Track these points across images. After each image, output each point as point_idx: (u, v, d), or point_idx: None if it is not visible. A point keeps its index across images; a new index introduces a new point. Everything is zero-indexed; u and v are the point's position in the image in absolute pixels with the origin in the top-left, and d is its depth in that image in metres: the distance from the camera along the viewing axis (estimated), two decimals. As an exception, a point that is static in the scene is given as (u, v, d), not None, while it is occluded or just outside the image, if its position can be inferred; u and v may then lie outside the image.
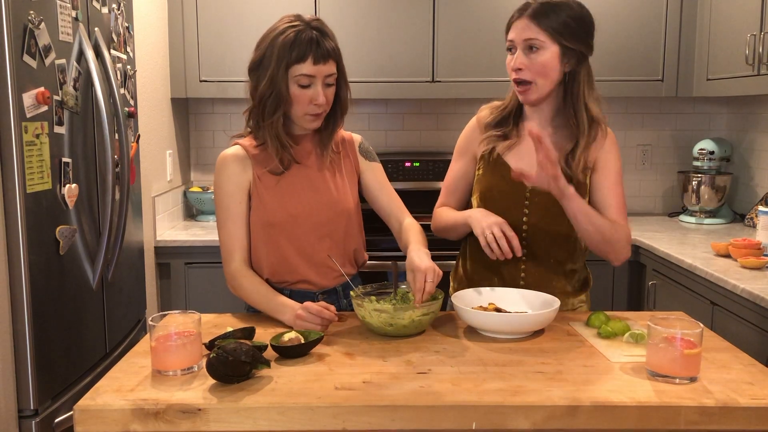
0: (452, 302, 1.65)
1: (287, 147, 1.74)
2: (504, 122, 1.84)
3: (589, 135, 1.76)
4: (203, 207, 3.36)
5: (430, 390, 1.29)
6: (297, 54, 1.64)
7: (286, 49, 1.64)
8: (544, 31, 1.68)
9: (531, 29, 1.69)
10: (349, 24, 3.14)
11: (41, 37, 1.80)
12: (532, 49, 1.70)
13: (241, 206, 1.75)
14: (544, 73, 1.71)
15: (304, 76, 1.65)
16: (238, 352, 1.30)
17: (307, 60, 1.64)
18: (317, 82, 1.67)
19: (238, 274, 1.74)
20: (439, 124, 3.60)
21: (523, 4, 1.73)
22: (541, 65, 1.70)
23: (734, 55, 2.84)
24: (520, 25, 1.71)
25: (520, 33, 1.70)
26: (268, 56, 1.67)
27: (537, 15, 1.69)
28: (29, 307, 1.76)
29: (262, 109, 1.70)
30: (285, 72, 1.65)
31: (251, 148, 1.77)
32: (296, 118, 1.73)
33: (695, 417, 1.23)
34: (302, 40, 1.64)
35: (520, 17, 1.71)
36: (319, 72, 1.66)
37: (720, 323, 2.25)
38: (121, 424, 1.23)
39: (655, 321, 1.35)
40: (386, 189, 1.88)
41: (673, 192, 3.64)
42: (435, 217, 1.93)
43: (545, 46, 1.69)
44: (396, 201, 1.88)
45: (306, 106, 1.69)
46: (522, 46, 1.71)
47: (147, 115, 2.83)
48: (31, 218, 1.77)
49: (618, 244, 1.73)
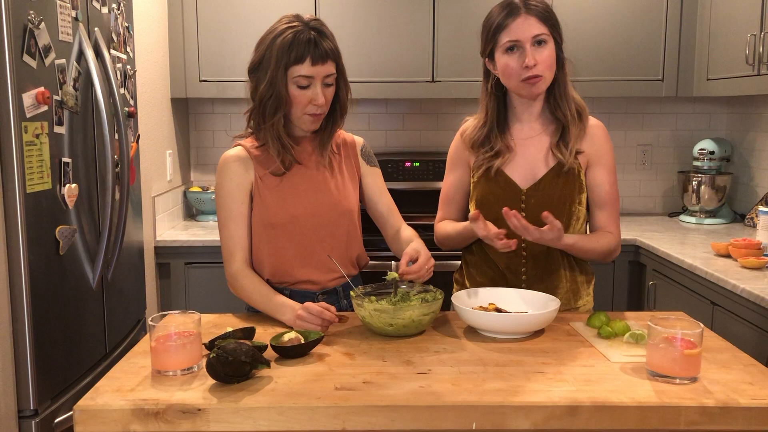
0: (452, 302, 1.65)
1: (288, 148, 1.74)
2: (488, 139, 1.84)
3: (580, 122, 1.80)
4: (203, 207, 3.36)
5: (430, 390, 1.29)
6: (295, 55, 1.64)
7: (284, 50, 1.64)
8: (546, 26, 1.73)
9: (536, 25, 1.72)
10: (349, 24, 3.14)
11: (41, 37, 1.80)
12: (540, 44, 1.73)
13: (242, 207, 1.75)
14: (552, 65, 1.76)
15: (303, 77, 1.65)
16: (238, 352, 1.30)
17: (306, 61, 1.64)
18: (316, 82, 1.67)
19: (239, 274, 1.74)
20: (439, 124, 3.60)
21: (504, 6, 1.76)
22: (549, 58, 1.74)
23: (734, 55, 2.83)
24: (523, 23, 1.72)
25: (526, 31, 1.72)
26: (267, 57, 1.67)
27: (533, 10, 1.73)
28: (29, 307, 1.76)
29: (263, 111, 1.70)
30: (284, 73, 1.66)
31: (253, 148, 1.77)
32: (295, 119, 1.73)
33: (695, 417, 1.23)
34: (300, 41, 1.64)
35: (518, 16, 1.73)
36: (318, 73, 1.66)
37: (720, 323, 2.25)
38: (121, 425, 1.23)
39: (655, 321, 1.35)
40: (386, 196, 1.89)
41: (673, 192, 3.64)
42: (438, 231, 1.95)
43: (548, 41, 1.74)
44: (394, 208, 1.89)
45: (305, 107, 1.69)
46: (530, 42, 1.73)
47: (147, 115, 2.83)
48: (31, 218, 1.77)
49: (610, 257, 1.83)
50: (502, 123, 1.85)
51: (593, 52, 3.19)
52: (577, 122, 1.80)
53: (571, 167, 1.78)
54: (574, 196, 1.80)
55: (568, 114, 1.79)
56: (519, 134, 1.84)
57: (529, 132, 1.83)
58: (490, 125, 1.84)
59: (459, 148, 1.91)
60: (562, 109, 1.80)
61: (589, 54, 3.17)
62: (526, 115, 1.84)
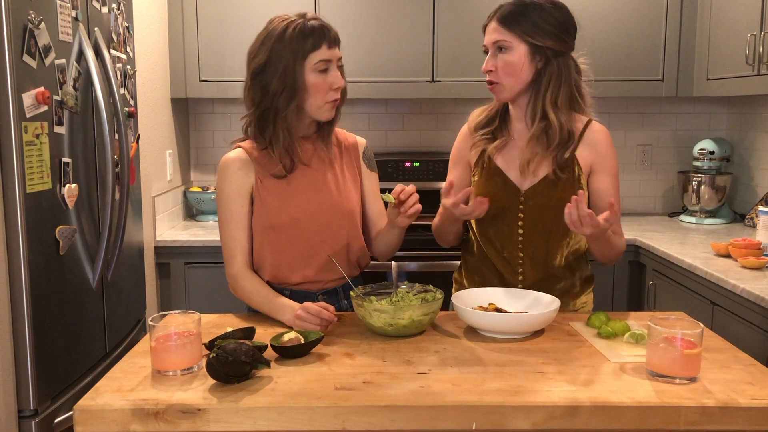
0: (452, 302, 1.65)
1: (294, 149, 1.73)
2: (491, 122, 1.87)
3: (560, 135, 1.74)
4: (203, 207, 3.36)
5: (430, 390, 1.29)
6: (312, 42, 1.67)
7: (299, 40, 1.66)
8: (511, 32, 1.73)
9: (498, 31, 1.75)
10: (349, 24, 3.14)
11: (41, 37, 1.80)
12: (501, 50, 1.75)
13: (243, 209, 1.75)
14: (512, 72, 1.74)
15: (323, 61, 1.68)
16: (238, 352, 1.30)
17: (323, 46, 1.68)
18: (333, 65, 1.71)
19: (239, 276, 1.74)
20: (439, 124, 3.60)
21: (495, 8, 1.79)
22: (508, 65, 1.74)
23: (734, 55, 2.83)
24: (490, 29, 1.78)
25: (490, 36, 1.77)
26: (277, 52, 1.67)
27: (504, 18, 1.75)
28: (29, 307, 1.76)
29: (273, 109, 1.69)
30: (302, 62, 1.67)
31: (253, 151, 1.76)
32: (315, 109, 1.72)
33: (695, 417, 1.23)
34: (312, 29, 1.67)
35: (490, 22, 1.78)
36: (334, 55, 1.70)
37: (720, 323, 2.25)
38: (121, 425, 1.23)
39: (655, 321, 1.35)
40: (379, 201, 1.89)
41: (673, 192, 3.64)
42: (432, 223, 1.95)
43: (512, 47, 1.73)
44: (383, 215, 1.88)
45: (326, 93, 1.70)
46: (492, 48, 1.76)
47: (147, 115, 2.83)
48: (31, 218, 1.77)
49: (618, 258, 1.84)
50: (507, 112, 1.87)
51: (593, 52, 3.13)
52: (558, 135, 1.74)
53: (568, 173, 1.77)
54: None
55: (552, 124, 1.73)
56: (520, 135, 1.84)
57: (528, 133, 1.83)
58: (497, 111, 1.87)
59: (462, 142, 1.91)
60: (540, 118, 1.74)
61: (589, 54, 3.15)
62: (519, 115, 1.83)
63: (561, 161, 1.76)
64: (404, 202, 1.65)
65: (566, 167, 1.77)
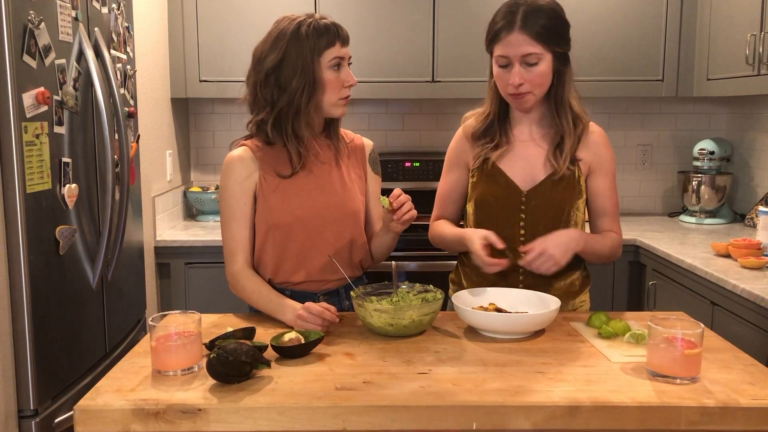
0: (452, 302, 1.65)
1: (312, 145, 1.75)
2: (489, 130, 1.85)
3: (575, 132, 1.79)
4: (203, 207, 3.36)
5: (430, 390, 1.29)
6: (327, 39, 1.69)
7: (314, 37, 1.68)
8: (540, 43, 1.68)
9: (528, 44, 1.68)
10: (349, 24, 3.07)
11: (41, 37, 1.80)
12: (531, 62, 1.70)
13: (245, 208, 1.75)
14: (542, 83, 1.73)
15: (337, 58, 1.70)
16: (238, 352, 1.30)
17: (337, 43, 1.70)
18: (345, 63, 1.73)
19: (240, 275, 1.74)
20: (439, 124, 3.60)
21: (505, 13, 1.71)
22: (540, 76, 1.71)
23: (734, 55, 2.83)
24: (514, 40, 1.68)
25: (517, 49, 1.69)
26: (292, 48, 1.67)
27: (528, 27, 1.67)
28: (29, 307, 1.76)
29: (295, 107, 1.69)
30: (318, 59, 1.68)
31: (257, 150, 1.76)
32: (329, 106, 1.73)
33: (696, 417, 1.23)
34: (326, 27, 1.70)
35: (511, 31, 1.69)
36: (346, 53, 1.73)
37: (720, 323, 2.25)
38: (121, 425, 1.23)
39: (655, 321, 1.35)
40: (379, 204, 1.89)
41: (673, 192, 3.64)
42: (432, 229, 1.95)
43: (542, 58, 1.70)
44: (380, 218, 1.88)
45: (339, 90, 1.72)
46: (519, 61, 1.70)
47: (147, 115, 2.83)
48: (31, 218, 1.76)
49: (613, 257, 1.86)
50: (504, 117, 1.86)
51: (593, 52, 3.19)
52: (573, 133, 1.78)
53: (568, 174, 1.78)
54: (573, 202, 1.80)
55: (565, 124, 1.78)
56: (520, 135, 1.84)
57: (529, 135, 1.83)
58: (493, 118, 1.85)
59: (459, 144, 1.91)
60: (560, 117, 1.79)
61: (589, 54, 3.17)
62: (526, 119, 1.84)
63: (563, 162, 1.77)
64: (398, 209, 1.65)
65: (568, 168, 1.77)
